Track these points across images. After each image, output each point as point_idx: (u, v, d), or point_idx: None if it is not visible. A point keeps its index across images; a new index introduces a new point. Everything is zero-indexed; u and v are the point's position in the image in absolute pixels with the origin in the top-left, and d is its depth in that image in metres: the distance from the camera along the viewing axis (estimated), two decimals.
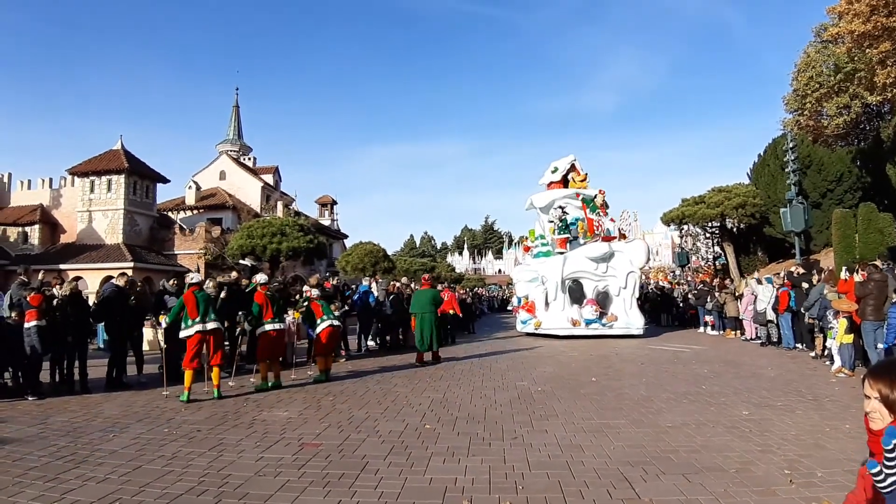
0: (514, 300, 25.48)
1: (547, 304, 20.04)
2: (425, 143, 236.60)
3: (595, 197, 21.49)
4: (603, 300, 19.77)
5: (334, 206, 60.01)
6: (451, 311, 18.98)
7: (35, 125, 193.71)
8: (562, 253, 20.34)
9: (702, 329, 21.52)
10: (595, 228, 20.86)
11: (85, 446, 6.23)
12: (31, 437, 6.68)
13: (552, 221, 21.30)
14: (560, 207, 21.19)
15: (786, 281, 15.52)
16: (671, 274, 46.96)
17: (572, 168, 22.65)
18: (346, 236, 59.16)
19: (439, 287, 22.47)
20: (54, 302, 10.08)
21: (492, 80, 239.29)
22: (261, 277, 10.82)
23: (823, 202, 31.21)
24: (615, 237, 21.18)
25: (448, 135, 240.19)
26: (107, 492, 4.77)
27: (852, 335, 11.02)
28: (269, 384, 9.86)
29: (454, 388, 9.83)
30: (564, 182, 22.45)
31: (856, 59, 29.77)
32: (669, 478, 4.95)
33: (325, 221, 56.59)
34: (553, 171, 22.79)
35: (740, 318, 18.43)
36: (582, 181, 22.19)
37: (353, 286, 18.95)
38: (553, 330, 19.38)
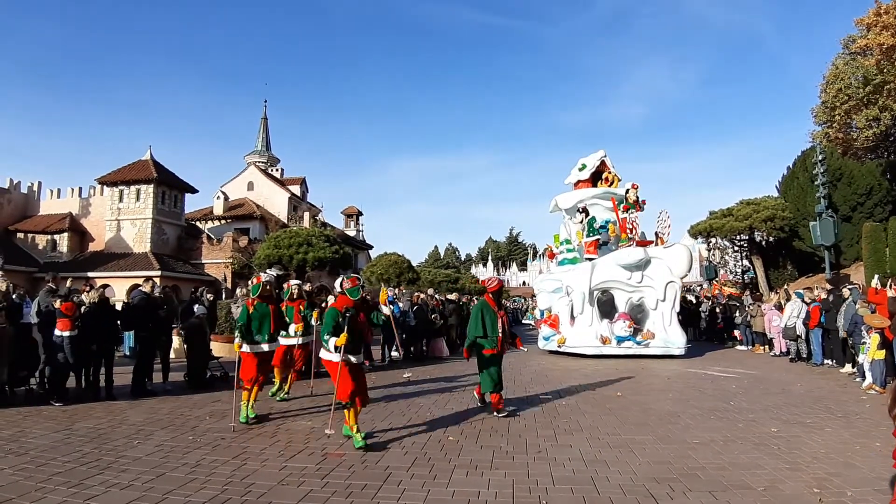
0: (537, 313, 22.58)
1: (572, 318, 17.47)
2: (451, 155, 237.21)
3: (627, 192, 18.60)
4: (637, 314, 17.34)
5: (360, 217, 60.39)
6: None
7: (65, 135, 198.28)
8: (590, 259, 17.82)
9: (729, 343, 21.19)
10: (629, 230, 18.00)
11: (109, 453, 6.28)
12: (56, 442, 6.75)
13: (580, 223, 18.85)
14: (581, 209, 18.92)
15: (817, 297, 15.26)
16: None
17: (602, 165, 20.09)
18: (371, 247, 59.50)
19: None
20: (82, 309, 10.18)
21: (518, 91, 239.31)
22: (266, 277, 9.13)
23: (854, 216, 30.75)
24: (651, 241, 18.33)
25: (474, 147, 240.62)
26: (130, 498, 4.81)
27: (884, 351, 10.78)
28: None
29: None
30: (594, 181, 19.98)
31: (885, 71, 29.35)
32: (696, 495, 4.87)
33: (351, 232, 56.97)
34: (581, 169, 20.22)
35: (769, 336, 18.12)
36: (613, 180, 19.68)
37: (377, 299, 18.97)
38: (579, 348, 16.88)
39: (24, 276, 34.90)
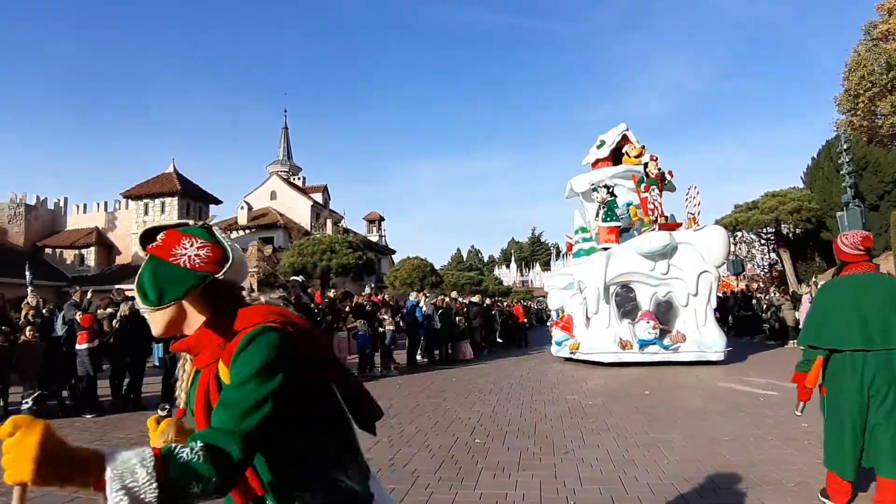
0: (554, 314, 19.92)
1: (587, 319, 14.94)
2: (471, 157, 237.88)
3: (647, 167, 15.61)
4: (665, 313, 14.54)
5: (382, 223, 60.62)
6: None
7: (90, 150, 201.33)
8: (607, 249, 15.18)
9: (756, 338, 20.98)
10: (650, 212, 15.08)
11: None
12: None
13: (600, 200, 16.11)
14: (605, 186, 16.11)
15: None
16: None
17: (624, 140, 17.16)
18: (393, 252, 59.65)
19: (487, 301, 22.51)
20: (114, 322, 10.35)
21: (537, 90, 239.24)
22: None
23: (881, 204, 30.29)
24: (679, 224, 15.25)
25: (494, 148, 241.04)
26: None
27: None
28: None
29: (504, 402, 9.77)
30: (615, 160, 17.19)
31: None
32: (726, 493, 4.83)
33: (374, 238, 57.20)
34: (599, 146, 17.45)
35: (800, 327, 17.88)
36: (638, 156, 16.40)
37: (402, 301, 19.02)
38: (595, 354, 14.42)
39: (53, 290, 35.43)
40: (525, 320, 26.51)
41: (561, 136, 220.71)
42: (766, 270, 39.97)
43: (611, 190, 16.08)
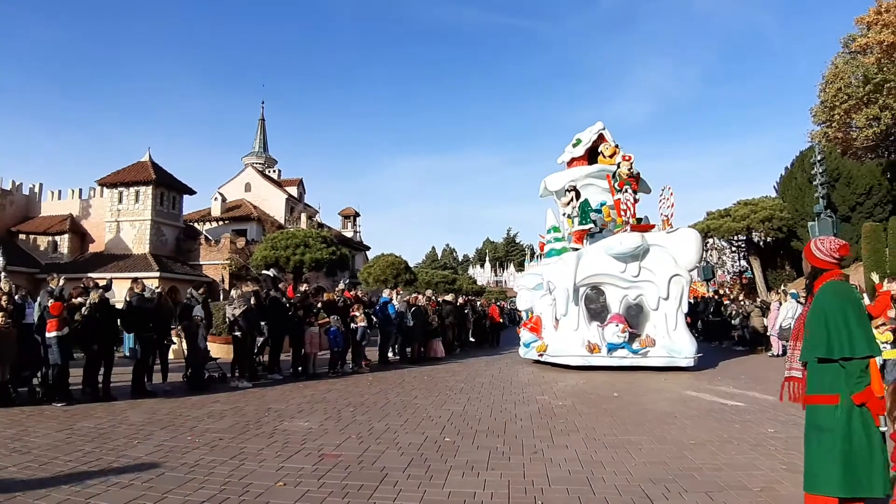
0: (524, 315, 19.42)
1: (556, 320, 14.60)
2: (449, 156, 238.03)
3: (619, 166, 15.19)
4: (635, 316, 14.18)
5: (357, 219, 60.50)
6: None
7: (65, 136, 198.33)
8: (577, 249, 15.07)
9: (725, 344, 21.24)
10: (623, 212, 14.79)
11: (110, 452, 6.31)
12: (58, 441, 6.79)
13: (569, 204, 16.17)
14: (570, 188, 16.16)
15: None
16: None
17: (601, 139, 16.89)
18: (368, 248, 59.56)
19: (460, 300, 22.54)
20: (83, 310, 10.19)
21: (518, 90, 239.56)
22: None
23: (853, 216, 30.86)
24: (652, 226, 15.11)
25: (473, 147, 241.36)
26: (130, 497, 4.83)
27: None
28: None
29: (474, 401, 9.79)
30: (591, 159, 16.96)
31: (885, 69, 29.47)
32: (692, 496, 4.88)
33: (348, 233, 57.14)
34: (575, 145, 17.21)
35: (768, 333, 18.14)
36: (612, 155, 16.13)
37: (374, 298, 18.91)
38: (562, 357, 14.15)
39: (26, 276, 34.92)
40: (501, 320, 26.88)
41: (541, 137, 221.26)
42: (735, 277, 40.53)
43: (574, 187, 16.08)
